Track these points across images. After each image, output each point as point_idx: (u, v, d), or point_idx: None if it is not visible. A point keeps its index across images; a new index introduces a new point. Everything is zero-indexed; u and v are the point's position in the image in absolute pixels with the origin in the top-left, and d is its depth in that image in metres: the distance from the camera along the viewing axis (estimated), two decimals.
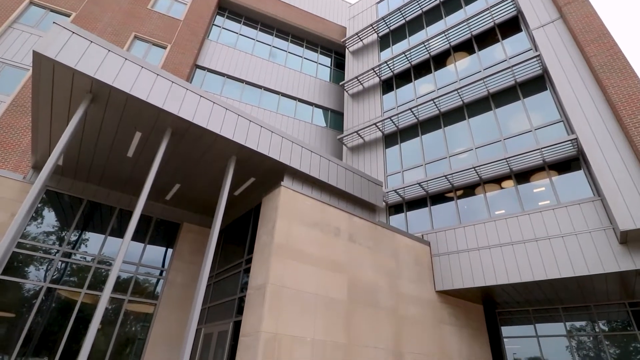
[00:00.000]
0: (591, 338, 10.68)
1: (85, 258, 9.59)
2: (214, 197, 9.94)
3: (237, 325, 7.62)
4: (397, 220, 12.81)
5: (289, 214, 7.76)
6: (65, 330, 8.62)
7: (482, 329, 11.63)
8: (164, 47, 15.25)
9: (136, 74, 6.74)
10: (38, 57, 5.95)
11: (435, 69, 14.58)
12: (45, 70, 6.21)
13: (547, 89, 11.13)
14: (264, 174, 8.72)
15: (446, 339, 10.03)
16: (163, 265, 10.66)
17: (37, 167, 9.43)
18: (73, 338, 8.64)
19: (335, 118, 19.05)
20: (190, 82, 15.67)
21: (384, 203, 13.07)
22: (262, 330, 6.35)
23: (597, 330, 10.61)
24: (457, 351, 10.13)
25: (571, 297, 10.55)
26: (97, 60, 6.38)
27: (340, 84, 17.58)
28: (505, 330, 12.18)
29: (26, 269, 8.79)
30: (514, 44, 12.67)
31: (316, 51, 20.74)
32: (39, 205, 9.37)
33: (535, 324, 11.65)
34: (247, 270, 8.33)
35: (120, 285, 9.79)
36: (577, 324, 11.02)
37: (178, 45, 15.46)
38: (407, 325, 9.05)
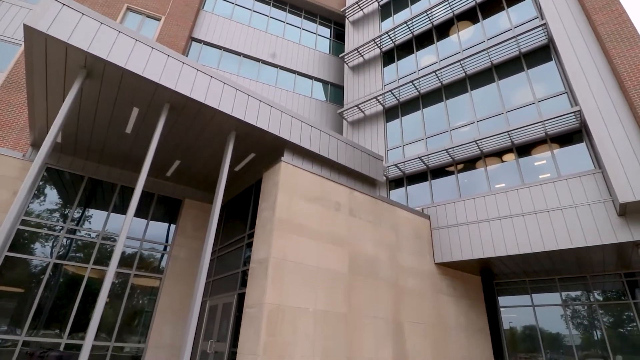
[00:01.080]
0: (586, 307, 10.98)
1: (89, 234, 9.73)
2: (215, 173, 9.96)
3: (241, 298, 7.83)
4: (397, 194, 12.87)
5: (289, 189, 7.79)
6: (74, 304, 8.87)
7: (479, 299, 11.95)
8: (158, 19, 14.80)
9: (130, 47, 6.57)
10: (29, 31, 5.79)
11: (438, 40, 14.19)
12: (38, 44, 6.06)
13: (552, 60, 10.87)
14: (264, 150, 8.68)
15: (444, 308, 10.33)
16: (167, 241, 10.82)
17: (36, 145, 9.38)
18: (82, 311, 8.91)
19: (335, 92, 18.75)
20: (187, 56, 15.31)
21: (384, 177, 13.09)
22: (265, 301, 6.53)
23: (591, 299, 10.89)
24: (454, 320, 10.46)
25: (568, 268, 10.76)
26: (90, 34, 6.20)
27: (340, 56, 17.17)
28: (502, 300, 12.53)
29: (32, 245, 8.94)
30: (519, 12, 12.26)
31: (315, 22, 20.13)
32: (40, 183, 9.40)
33: (531, 294, 11.97)
34: (250, 245, 8.47)
35: (126, 260, 9.99)
36: (573, 293, 11.31)
37: (172, 17, 14.99)
38: (407, 296, 9.29)
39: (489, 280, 12.71)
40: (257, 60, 17.20)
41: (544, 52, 11.14)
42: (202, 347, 8.75)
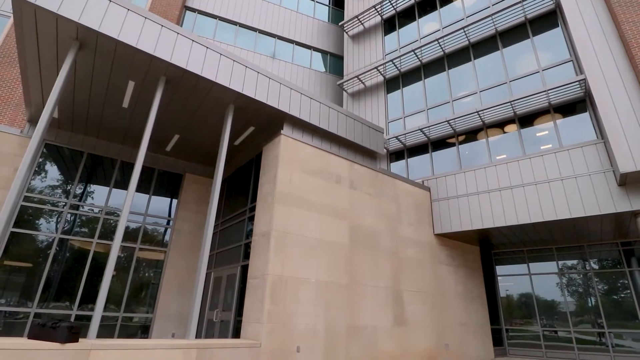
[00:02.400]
0: (581, 275, 11.24)
1: (92, 210, 9.82)
2: (215, 148, 9.90)
3: (245, 269, 8.01)
4: (398, 166, 12.86)
5: (290, 162, 7.78)
6: (81, 277, 9.09)
7: (477, 269, 12.21)
8: None
9: (122, 17, 6.35)
10: (18, 2, 5.58)
11: (441, 5, 13.68)
12: (27, 16, 5.85)
13: (558, 26, 10.52)
14: (263, 123, 8.59)
15: (443, 277, 10.58)
16: (169, 215, 10.94)
17: (33, 121, 9.28)
18: (90, 284, 9.14)
19: (335, 62, 18.31)
20: (181, 26, 14.85)
21: (385, 150, 13.03)
22: (268, 272, 6.68)
23: (587, 268, 11.12)
24: (452, 288, 10.74)
25: (565, 238, 10.92)
26: (80, 4, 5.98)
27: (340, 24, 16.63)
28: (500, 269, 12.81)
29: (37, 221, 9.04)
30: None
31: None
32: (40, 160, 9.39)
33: (528, 263, 12.22)
34: (252, 218, 8.56)
35: (130, 235, 10.13)
36: (569, 262, 11.54)
37: None
38: (406, 266, 9.50)
39: (488, 250, 12.94)
40: (254, 29, 16.68)
41: (551, 18, 10.77)
42: (208, 317, 9.05)
